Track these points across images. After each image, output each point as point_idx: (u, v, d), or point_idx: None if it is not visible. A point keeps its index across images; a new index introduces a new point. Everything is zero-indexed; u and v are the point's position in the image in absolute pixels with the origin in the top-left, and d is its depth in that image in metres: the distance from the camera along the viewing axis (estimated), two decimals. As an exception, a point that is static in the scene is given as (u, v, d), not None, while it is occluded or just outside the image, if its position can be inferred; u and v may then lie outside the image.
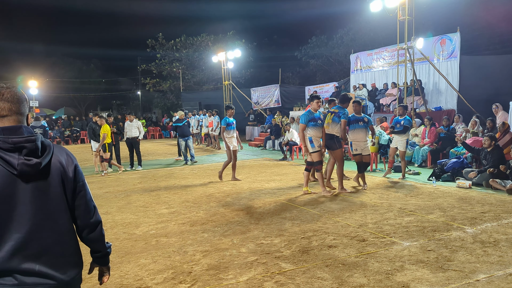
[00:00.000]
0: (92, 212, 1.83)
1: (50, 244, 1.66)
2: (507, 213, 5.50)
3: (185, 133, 12.32)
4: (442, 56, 13.72)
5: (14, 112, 1.66)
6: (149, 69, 31.57)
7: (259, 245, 4.60)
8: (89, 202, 1.81)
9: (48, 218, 1.67)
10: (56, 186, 1.69)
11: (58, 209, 1.70)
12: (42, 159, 1.63)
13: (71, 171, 1.74)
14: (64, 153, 1.77)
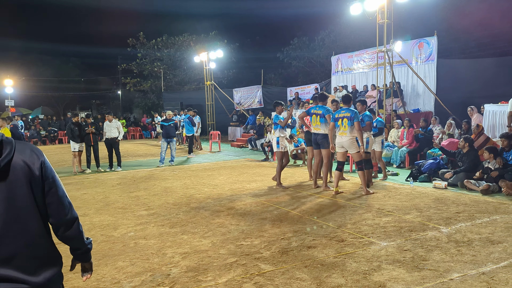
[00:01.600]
0: (67, 208, 1.74)
1: (19, 248, 1.60)
2: (481, 213, 5.66)
3: (169, 134, 12.14)
4: (420, 59, 14.01)
5: None
6: (130, 68, 31.20)
7: (239, 246, 4.60)
8: (62, 199, 1.72)
9: (15, 221, 1.60)
10: (21, 186, 1.61)
11: (26, 210, 1.62)
12: (1, 160, 1.56)
13: (37, 169, 1.64)
14: (28, 150, 1.67)
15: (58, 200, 1.71)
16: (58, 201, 1.71)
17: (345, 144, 7.28)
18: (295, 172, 10.13)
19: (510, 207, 5.96)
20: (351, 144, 7.23)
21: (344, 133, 7.25)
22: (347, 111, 7.29)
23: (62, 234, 1.77)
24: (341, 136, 7.33)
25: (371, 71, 15.90)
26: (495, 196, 6.74)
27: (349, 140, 7.22)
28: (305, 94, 19.67)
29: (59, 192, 1.72)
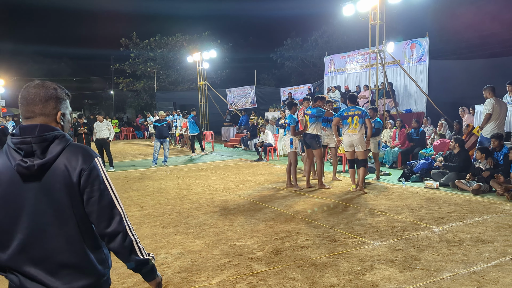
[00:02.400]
0: (109, 220, 1.63)
1: (52, 251, 1.58)
2: (472, 213, 5.72)
3: (162, 135, 12.11)
4: (412, 60, 14.12)
5: (37, 113, 1.64)
6: (123, 68, 31.04)
7: (232, 246, 4.61)
8: (103, 210, 1.62)
9: (51, 223, 1.58)
10: (59, 190, 1.58)
11: (61, 214, 1.59)
12: (38, 161, 1.55)
13: (75, 176, 1.57)
14: (77, 154, 1.60)
15: (98, 210, 1.62)
16: (99, 211, 1.62)
17: (355, 141, 7.44)
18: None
19: (501, 207, 6.04)
20: (360, 142, 7.43)
21: (355, 131, 7.40)
22: (357, 109, 7.47)
23: (107, 245, 1.68)
24: (351, 134, 7.45)
25: (363, 71, 15.98)
26: (486, 196, 6.82)
27: (359, 137, 7.41)
28: (298, 94, 19.72)
29: (101, 202, 1.62)
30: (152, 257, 1.75)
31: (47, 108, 1.65)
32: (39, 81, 1.71)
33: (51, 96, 1.67)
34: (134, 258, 1.69)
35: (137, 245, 1.69)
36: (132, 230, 1.70)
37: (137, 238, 1.71)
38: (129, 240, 1.66)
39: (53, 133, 1.60)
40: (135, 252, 1.68)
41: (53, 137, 1.60)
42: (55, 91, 1.69)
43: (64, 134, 1.65)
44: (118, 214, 1.65)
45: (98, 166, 1.63)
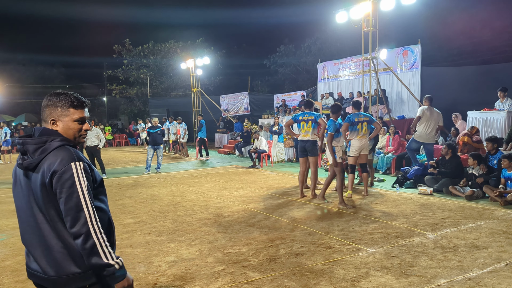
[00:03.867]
0: (74, 221, 1.71)
1: (36, 240, 1.82)
2: (466, 219, 5.73)
3: (156, 141, 12.05)
4: (405, 66, 14.24)
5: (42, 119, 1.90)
6: (116, 75, 30.95)
7: (227, 254, 4.57)
8: (69, 211, 1.71)
9: (32, 216, 1.82)
10: (39, 188, 1.76)
11: (40, 210, 1.79)
12: (26, 161, 1.77)
13: (47, 176, 1.73)
14: (57, 157, 1.75)
15: (65, 210, 1.73)
16: (65, 211, 1.73)
17: (364, 146, 7.61)
18: (282, 179, 10.13)
19: (494, 213, 6.06)
20: (367, 146, 7.68)
21: (364, 137, 7.57)
22: (365, 115, 7.62)
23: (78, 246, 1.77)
24: (361, 140, 7.57)
25: (356, 78, 16.07)
26: (480, 202, 6.84)
27: (366, 142, 7.64)
28: (292, 101, 19.76)
29: (68, 204, 1.72)
30: (117, 262, 1.78)
31: (44, 115, 1.89)
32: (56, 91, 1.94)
33: (46, 104, 1.89)
34: (95, 260, 1.74)
35: (101, 248, 1.74)
36: (98, 233, 1.75)
37: (103, 242, 1.76)
38: (91, 243, 1.72)
39: (46, 137, 1.80)
40: (98, 254, 1.73)
41: (45, 141, 1.78)
42: (49, 99, 1.89)
43: (59, 138, 1.82)
44: (83, 216, 1.72)
45: (72, 170, 1.73)
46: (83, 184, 1.74)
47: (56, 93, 1.88)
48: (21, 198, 1.85)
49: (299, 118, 7.76)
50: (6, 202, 8.26)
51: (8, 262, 4.61)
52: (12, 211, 7.27)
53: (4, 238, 5.61)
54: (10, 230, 5.99)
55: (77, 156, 1.78)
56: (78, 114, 1.88)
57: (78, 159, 1.76)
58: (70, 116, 1.86)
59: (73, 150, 1.79)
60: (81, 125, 1.90)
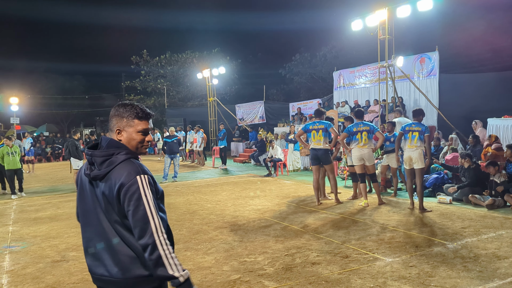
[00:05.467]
0: (142, 232, 1.76)
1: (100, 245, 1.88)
2: (487, 228, 5.60)
3: (173, 150, 12.19)
4: (422, 74, 14.08)
5: (109, 128, 1.97)
6: (133, 85, 31.46)
7: (242, 263, 4.57)
8: (137, 222, 1.77)
9: (98, 221, 1.88)
10: (104, 196, 1.83)
11: (104, 216, 1.86)
12: (93, 171, 1.85)
13: (115, 190, 1.79)
14: (124, 170, 1.81)
15: (134, 222, 1.78)
16: (134, 223, 1.78)
17: (365, 156, 7.52)
18: (298, 187, 10.09)
19: (516, 222, 5.91)
20: (370, 157, 7.56)
21: (365, 146, 7.51)
22: (365, 124, 7.57)
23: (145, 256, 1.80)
24: (361, 149, 7.52)
25: (373, 86, 15.97)
26: (501, 211, 6.68)
27: (369, 152, 7.53)
28: (307, 109, 19.72)
29: (136, 216, 1.77)
30: (181, 275, 1.77)
31: (111, 124, 1.95)
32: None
33: (113, 114, 1.95)
34: (161, 272, 1.76)
35: (167, 260, 1.76)
36: (164, 245, 1.78)
37: (169, 253, 1.78)
38: (157, 254, 1.75)
39: (113, 150, 1.87)
40: (163, 266, 1.75)
41: (112, 153, 1.85)
42: (116, 109, 1.96)
43: (125, 151, 1.88)
44: (150, 228, 1.77)
45: (138, 183, 1.79)
46: (148, 197, 1.80)
47: (124, 104, 1.96)
48: (87, 204, 1.92)
49: (309, 127, 7.81)
50: (27, 210, 8.45)
51: (29, 270, 4.70)
52: (33, 220, 7.43)
53: (25, 246, 5.74)
54: (31, 238, 6.12)
55: (142, 169, 1.84)
56: (142, 126, 1.94)
57: (143, 172, 1.83)
58: (135, 127, 1.92)
59: (137, 164, 1.86)
60: (144, 136, 1.96)
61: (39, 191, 11.02)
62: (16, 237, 6.26)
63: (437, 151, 10.40)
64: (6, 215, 8.06)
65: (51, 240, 5.93)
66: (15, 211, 8.45)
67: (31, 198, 10.08)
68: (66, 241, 5.82)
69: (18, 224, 7.15)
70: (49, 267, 4.76)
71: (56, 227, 6.73)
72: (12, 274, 4.60)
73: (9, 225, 7.12)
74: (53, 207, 8.67)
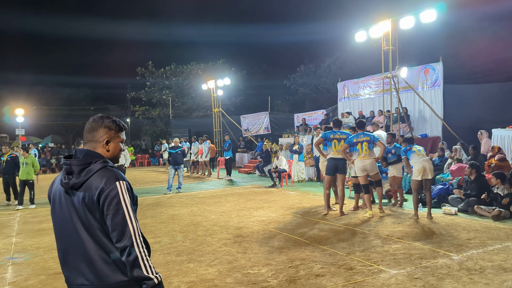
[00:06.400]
0: (120, 236, 1.83)
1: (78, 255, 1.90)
2: (493, 240, 5.54)
3: (177, 161, 12.20)
4: (426, 84, 14.08)
5: (86, 139, 2.05)
6: (139, 96, 31.66)
7: (246, 275, 4.54)
8: (116, 226, 1.83)
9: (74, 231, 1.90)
10: (83, 204, 1.87)
11: (81, 225, 1.88)
12: (72, 180, 1.89)
13: (95, 195, 1.85)
14: (103, 177, 1.88)
15: (112, 226, 1.84)
16: (113, 227, 1.84)
17: (367, 167, 7.54)
18: (303, 198, 10.05)
19: (523, 234, 5.83)
20: (373, 167, 7.58)
21: (366, 157, 7.51)
22: (365, 135, 7.58)
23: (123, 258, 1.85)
24: (363, 160, 7.53)
25: (377, 97, 15.96)
26: (507, 222, 6.61)
27: (371, 163, 7.53)
28: (312, 120, 19.74)
29: (115, 219, 1.83)
30: (156, 277, 1.84)
31: (97, 135, 2.03)
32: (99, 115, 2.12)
33: (98, 125, 2.05)
34: (137, 273, 1.82)
35: (143, 261, 1.84)
36: (141, 247, 1.86)
37: (145, 256, 1.85)
38: (134, 255, 1.82)
39: (90, 159, 1.93)
40: (140, 267, 1.82)
41: (89, 162, 1.92)
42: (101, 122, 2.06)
43: (102, 160, 1.95)
44: (128, 231, 1.84)
45: (117, 188, 1.86)
46: (127, 202, 1.88)
47: (106, 116, 2.09)
48: (62, 215, 1.95)
49: (330, 136, 7.80)
50: (31, 222, 8.47)
51: (31, 282, 4.70)
52: (37, 231, 7.45)
53: (28, 257, 5.74)
54: (34, 250, 6.12)
55: (120, 176, 1.92)
56: (123, 136, 2.13)
57: (121, 178, 1.91)
58: (119, 138, 2.10)
59: (115, 171, 1.95)
60: (122, 146, 2.13)
61: (43, 202, 11.05)
62: (19, 248, 6.27)
63: (441, 162, 10.36)
64: (10, 226, 8.08)
65: (54, 252, 5.92)
66: (19, 222, 8.47)
67: (35, 210, 10.11)
68: (70, 252, 5.81)
69: (22, 235, 7.17)
70: (51, 279, 4.75)
71: (60, 238, 6.73)
72: (14, 285, 4.60)
73: (13, 236, 7.13)
74: (58, 218, 8.68)
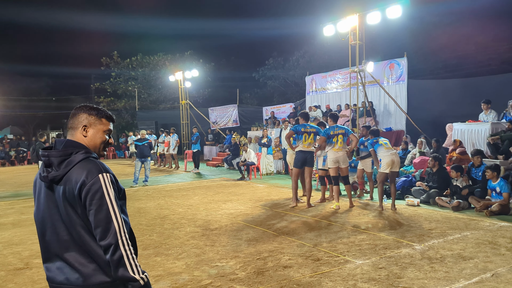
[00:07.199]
0: (104, 233, 1.71)
1: (59, 252, 1.79)
2: (452, 230, 5.77)
3: (143, 154, 11.96)
4: (391, 79, 14.42)
5: (67, 127, 1.92)
6: (103, 87, 30.76)
7: (214, 267, 4.51)
8: (99, 223, 1.71)
9: (56, 227, 1.80)
10: (64, 199, 1.75)
11: (61, 221, 1.78)
12: (51, 173, 1.76)
13: (77, 188, 1.72)
14: (84, 169, 1.75)
15: (96, 222, 1.72)
16: (96, 223, 1.72)
17: (340, 158, 7.67)
18: (271, 191, 10.11)
19: (480, 223, 6.11)
20: (345, 159, 7.74)
21: (340, 149, 7.65)
22: (340, 128, 7.74)
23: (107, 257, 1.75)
24: (337, 152, 7.65)
25: (344, 91, 16.22)
26: (466, 213, 6.90)
27: (343, 155, 7.70)
28: (280, 113, 19.84)
29: (98, 216, 1.72)
30: (142, 278, 1.75)
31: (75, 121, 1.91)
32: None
33: (79, 111, 1.94)
34: (122, 272, 1.72)
35: (128, 261, 1.73)
36: (126, 245, 1.75)
37: (130, 254, 1.75)
38: (119, 254, 1.71)
39: (71, 149, 1.80)
40: (125, 267, 1.72)
41: (70, 153, 1.79)
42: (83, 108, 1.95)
43: (84, 150, 1.82)
44: (113, 227, 1.72)
45: (101, 182, 1.74)
46: (111, 196, 1.76)
47: (90, 105, 1.98)
48: (44, 211, 1.83)
49: (301, 129, 7.86)
50: None
51: None
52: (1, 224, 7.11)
53: (-14, 253, 5.47)
54: None
55: (103, 167, 1.79)
56: (109, 126, 1.96)
57: (104, 170, 1.78)
58: (102, 126, 1.93)
59: (98, 162, 1.81)
60: (108, 137, 1.96)
61: (2, 196, 10.57)
62: (-24, 244, 5.97)
63: (404, 155, 10.67)
64: (-34, 221, 7.68)
65: (14, 247, 5.69)
66: (-24, 217, 8.07)
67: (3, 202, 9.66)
68: (30, 248, 5.60)
69: (-21, 231, 6.82)
70: (11, 275, 4.56)
71: (19, 233, 6.46)
72: (-30, 283, 4.38)
73: (-31, 232, 6.78)
74: (17, 212, 8.34)
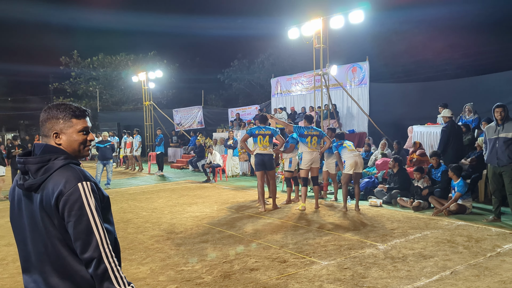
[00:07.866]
0: (85, 246, 1.59)
1: (37, 265, 1.67)
2: (413, 229, 5.95)
3: (105, 156, 11.62)
4: (354, 82, 14.78)
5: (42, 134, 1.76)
6: (63, 87, 29.69)
7: (179, 272, 4.43)
8: (79, 235, 1.58)
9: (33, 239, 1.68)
10: (41, 209, 1.62)
11: (38, 234, 1.65)
12: (27, 181, 1.64)
13: (54, 198, 1.59)
14: (63, 178, 1.61)
15: (75, 235, 1.59)
16: (75, 236, 1.59)
17: (314, 159, 7.73)
18: (237, 193, 10.07)
19: (439, 223, 6.35)
20: (318, 160, 7.82)
21: (314, 149, 7.71)
22: (315, 129, 7.81)
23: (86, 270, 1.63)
24: (311, 152, 7.70)
25: (308, 93, 16.46)
26: (425, 212, 7.15)
27: (317, 155, 7.79)
28: (246, 115, 19.86)
29: (78, 228, 1.58)
30: None
31: (45, 129, 1.74)
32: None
33: (45, 117, 1.74)
34: (107, 286, 1.61)
35: (113, 273, 1.62)
36: (110, 258, 1.63)
37: (115, 266, 1.64)
38: (103, 268, 1.60)
39: (49, 155, 1.66)
40: (110, 280, 1.61)
41: (48, 159, 1.65)
42: (48, 112, 1.75)
43: (63, 156, 1.68)
44: (94, 240, 1.60)
45: (80, 191, 1.61)
46: (92, 206, 1.62)
47: (55, 105, 1.77)
48: (21, 220, 1.71)
49: (255, 132, 7.82)
50: None
51: None
52: None
53: None
54: None
55: (83, 175, 1.65)
56: (82, 124, 1.78)
57: (84, 178, 1.64)
58: (74, 127, 1.75)
59: (78, 169, 1.67)
60: (86, 135, 1.79)
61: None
62: None
63: (367, 157, 10.94)
64: None
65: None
66: None
67: None
68: None
69: None
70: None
71: None
72: None
73: None
74: (-33, 219, 7.86)
